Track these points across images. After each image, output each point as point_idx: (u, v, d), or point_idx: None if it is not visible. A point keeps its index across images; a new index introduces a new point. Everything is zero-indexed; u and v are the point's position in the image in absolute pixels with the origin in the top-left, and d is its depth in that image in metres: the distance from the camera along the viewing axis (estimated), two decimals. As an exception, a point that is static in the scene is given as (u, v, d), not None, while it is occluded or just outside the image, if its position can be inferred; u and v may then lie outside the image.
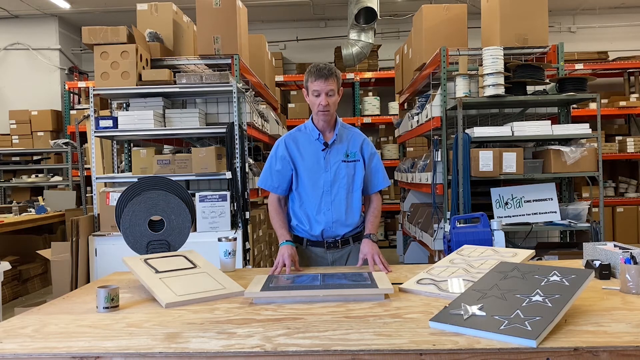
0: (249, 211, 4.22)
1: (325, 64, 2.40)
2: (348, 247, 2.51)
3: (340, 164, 2.44)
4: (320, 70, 2.34)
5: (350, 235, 2.51)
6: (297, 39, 8.56)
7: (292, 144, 2.49)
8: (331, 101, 2.36)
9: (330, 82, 2.33)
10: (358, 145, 2.49)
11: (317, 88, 2.34)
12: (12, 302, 5.25)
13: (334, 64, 8.03)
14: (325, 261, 2.50)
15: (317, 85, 2.33)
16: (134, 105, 4.39)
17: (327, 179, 2.43)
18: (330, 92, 2.34)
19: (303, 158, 2.46)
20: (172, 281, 1.90)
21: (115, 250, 3.85)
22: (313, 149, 2.45)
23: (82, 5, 7.64)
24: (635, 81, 7.67)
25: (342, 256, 2.50)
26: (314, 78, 2.34)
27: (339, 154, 2.45)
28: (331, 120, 2.46)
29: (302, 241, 2.51)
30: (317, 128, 2.46)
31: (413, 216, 5.67)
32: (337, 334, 1.42)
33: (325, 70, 2.34)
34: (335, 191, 2.44)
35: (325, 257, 2.50)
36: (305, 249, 2.51)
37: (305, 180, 2.45)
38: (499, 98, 3.98)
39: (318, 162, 2.44)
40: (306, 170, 2.45)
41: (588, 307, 1.60)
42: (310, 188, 2.44)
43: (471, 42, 5.07)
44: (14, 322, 1.63)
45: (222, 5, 4.42)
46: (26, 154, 7.77)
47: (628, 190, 7.55)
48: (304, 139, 2.49)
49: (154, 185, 2.32)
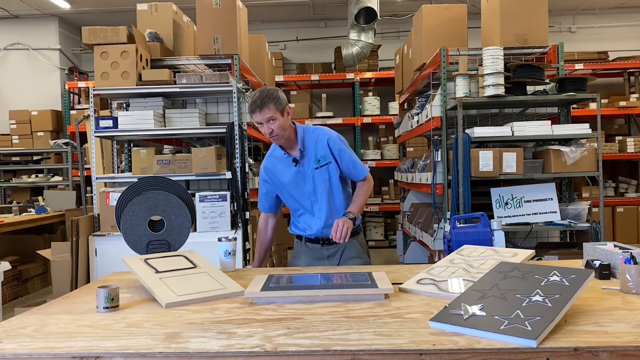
0: (249, 211, 4.22)
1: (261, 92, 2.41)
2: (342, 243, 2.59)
3: (314, 172, 2.54)
4: (254, 102, 2.40)
5: None
6: (297, 39, 8.56)
7: (270, 168, 2.64)
8: (275, 127, 2.41)
9: (265, 111, 2.38)
10: (325, 146, 2.55)
11: (257, 120, 2.42)
12: (12, 302, 5.25)
13: (334, 64, 8.06)
14: (321, 255, 2.64)
15: (256, 117, 2.42)
16: (134, 105, 4.39)
17: (308, 189, 2.56)
18: (270, 119, 2.40)
19: (282, 177, 2.60)
20: (172, 281, 1.90)
21: (115, 250, 3.85)
22: (286, 167, 2.58)
23: (82, 5, 7.65)
24: (635, 81, 7.67)
25: (336, 251, 2.63)
26: (250, 111, 2.43)
27: (310, 162, 2.54)
28: (289, 138, 2.52)
29: (302, 238, 2.69)
30: (282, 149, 2.56)
31: (413, 216, 5.67)
32: (337, 334, 1.42)
33: (257, 101, 2.38)
34: (319, 198, 2.56)
35: (321, 252, 2.64)
36: (304, 245, 2.68)
37: (291, 196, 2.61)
38: (499, 98, 3.98)
39: (296, 178, 2.56)
40: (290, 187, 2.59)
41: (588, 307, 1.60)
42: (298, 201, 2.60)
43: (471, 42, 5.07)
44: (14, 322, 1.63)
45: (222, 5, 4.42)
46: (26, 154, 7.77)
47: (628, 190, 7.55)
48: (277, 161, 2.61)
49: (154, 185, 2.32)
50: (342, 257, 2.62)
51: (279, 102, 2.41)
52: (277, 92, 2.43)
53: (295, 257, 2.71)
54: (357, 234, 2.67)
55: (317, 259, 2.63)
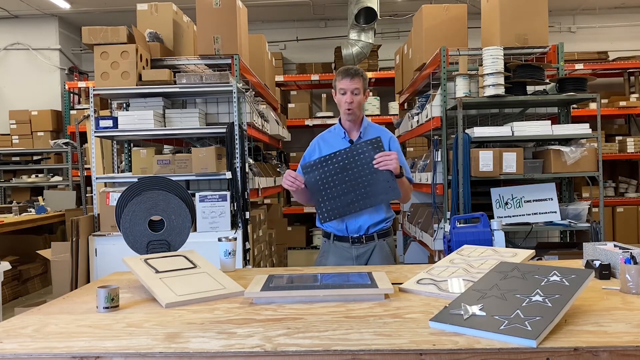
0: (249, 211, 4.22)
1: (354, 66, 2.58)
2: (372, 242, 2.56)
3: None
4: (347, 70, 2.51)
5: (375, 232, 2.57)
6: (297, 39, 8.56)
7: (322, 142, 2.66)
8: (356, 99, 2.49)
9: (356, 81, 2.48)
10: (385, 142, 2.55)
11: (343, 86, 2.49)
12: (12, 302, 5.25)
13: (334, 64, 8.06)
14: (350, 255, 2.57)
15: (343, 83, 2.48)
16: (134, 105, 4.39)
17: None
18: (355, 90, 2.48)
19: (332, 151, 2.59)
20: (172, 281, 1.90)
21: (115, 250, 3.85)
22: (340, 146, 2.56)
23: (82, 5, 7.64)
24: (635, 81, 7.66)
25: (366, 251, 2.56)
26: (340, 77, 2.50)
27: None
28: (357, 119, 2.58)
29: (330, 236, 2.61)
30: (344, 127, 2.60)
31: (413, 216, 5.67)
32: (337, 334, 1.42)
33: (352, 70, 2.51)
34: None
35: (349, 251, 2.57)
36: (332, 244, 2.60)
37: None
38: (499, 98, 3.98)
39: None
40: None
41: (588, 307, 1.60)
42: None
43: (471, 42, 5.07)
44: (14, 322, 1.63)
45: (222, 5, 4.42)
46: (26, 154, 7.77)
47: (628, 190, 7.54)
48: (332, 138, 2.64)
49: (154, 185, 2.32)
50: (371, 258, 2.55)
51: (366, 81, 2.55)
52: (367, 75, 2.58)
53: (322, 257, 2.64)
54: (387, 236, 2.63)
55: (346, 259, 2.56)
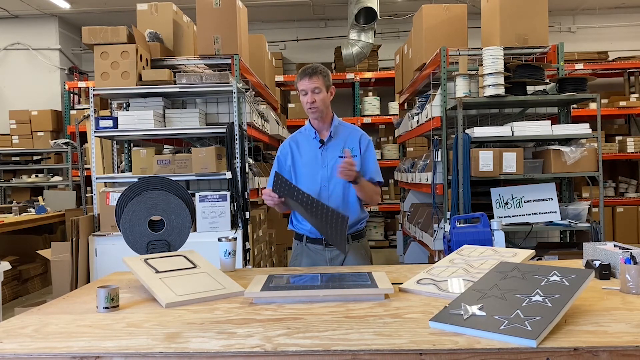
0: (249, 211, 4.22)
1: (313, 64, 2.49)
2: (346, 245, 2.49)
3: (337, 160, 2.48)
4: (305, 69, 2.45)
5: (350, 234, 2.52)
6: (297, 39, 8.56)
7: (293, 144, 2.61)
8: (318, 98, 2.44)
9: (315, 79, 2.42)
10: (356, 140, 2.54)
11: (303, 87, 2.44)
12: (12, 302, 5.25)
13: (334, 64, 8.06)
14: (323, 258, 2.53)
15: (303, 84, 2.44)
16: (134, 105, 4.39)
17: (324, 175, 2.50)
18: (315, 89, 2.43)
19: (301, 156, 2.56)
20: (172, 281, 1.90)
21: (115, 250, 3.85)
22: (311, 147, 2.55)
23: (82, 5, 7.64)
24: (635, 81, 7.67)
25: (340, 254, 2.50)
26: (299, 78, 2.46)
27: (336, 150, 2.51)
28: (325, 118, 2.53)
29: (302, 238, 2.57)
30: (314, 127, 2.55)
31: (413, 216, 5.67)
32: (337, 333, 1.42)
33: (309, 69, 2.44)
34: (332, 187, 2.48)
35: (323, 254, 2.53)
36: (305, 246, 2.57)
37: (303, 177, 2.52)
38: (499, 98, 3.98)
39: (315, 159, 2.52)
40: (304, 167, 2.53)
41: (588, 307, 1.60)
42: (308, 185, 2.48)
43: (471, 42, 5.07)
44: (14, 322, 1.63)
45: (222, 5, 4.42)
46: (26, 154, 7.77)
47: (628, 190, 7.55)
48: (303, 139, 2.59)
49: (154, 185, 2.32)
50: (346, 260, 2.51)
51: (328, 78, 2.48)
52: (328, 71, 2.50)
53: (295, 260, 2.60)
54: (362, 237, 2.60)
55: (319, 261, 2.52)
